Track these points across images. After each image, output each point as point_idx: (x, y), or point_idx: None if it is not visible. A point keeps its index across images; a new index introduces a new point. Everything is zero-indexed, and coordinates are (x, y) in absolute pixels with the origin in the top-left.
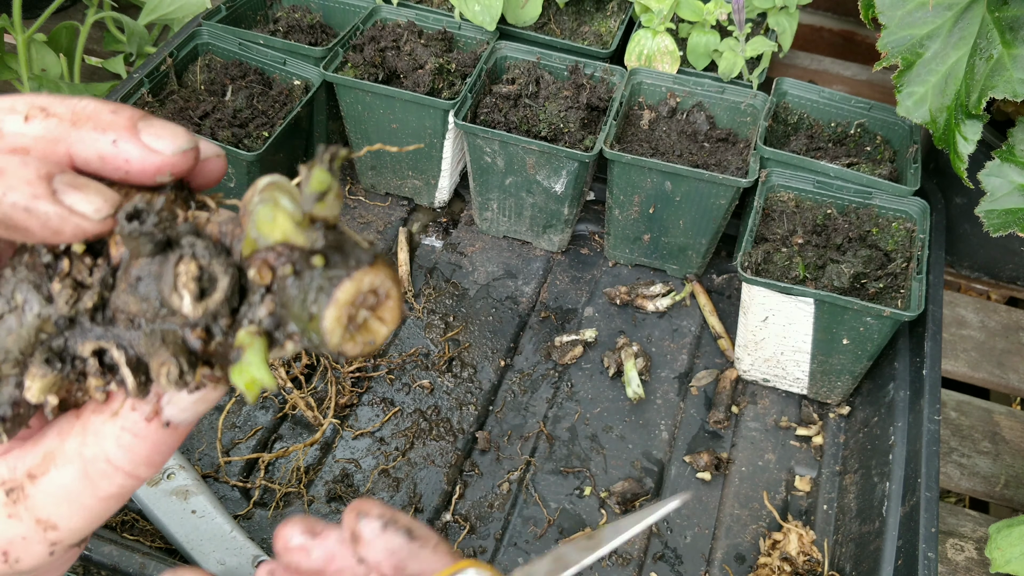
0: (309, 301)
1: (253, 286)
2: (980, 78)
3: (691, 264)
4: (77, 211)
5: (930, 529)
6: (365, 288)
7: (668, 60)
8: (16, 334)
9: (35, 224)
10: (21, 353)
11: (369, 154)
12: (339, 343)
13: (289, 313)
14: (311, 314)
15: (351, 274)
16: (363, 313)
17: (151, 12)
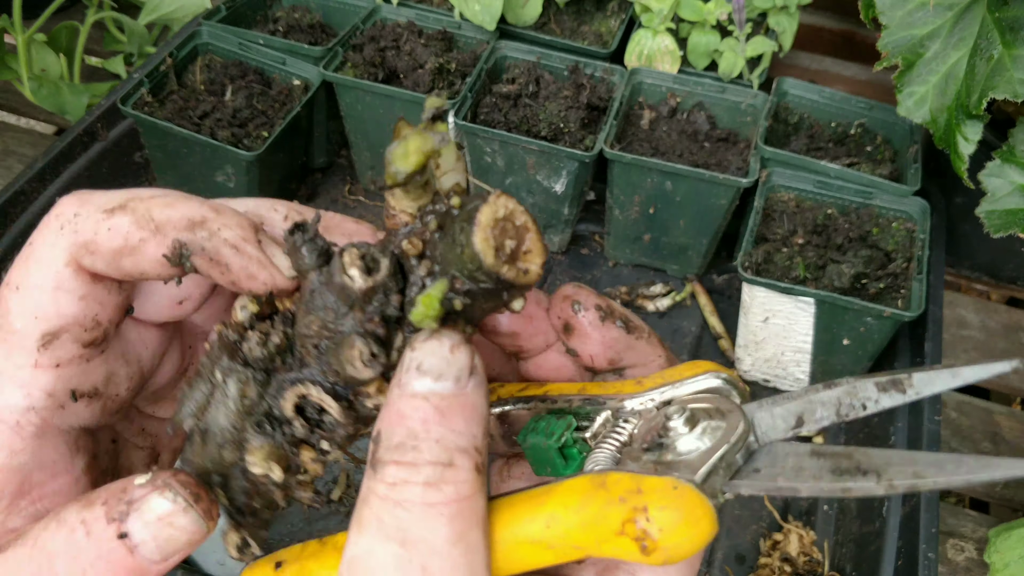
0: (458, 238)
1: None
2: (980, 78)
3: (691, 264)
4: (275, 263)
5: (930, 529)
6: (500, 214)
7: (668, 60)
8: (225, 408)
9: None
10: (234, 427)
11: (369, 154)
12: (494, 263)
13: (445, 259)
14: (462, 246)
15: (485, 200)
16: (509, 243)
17: (151, 12)
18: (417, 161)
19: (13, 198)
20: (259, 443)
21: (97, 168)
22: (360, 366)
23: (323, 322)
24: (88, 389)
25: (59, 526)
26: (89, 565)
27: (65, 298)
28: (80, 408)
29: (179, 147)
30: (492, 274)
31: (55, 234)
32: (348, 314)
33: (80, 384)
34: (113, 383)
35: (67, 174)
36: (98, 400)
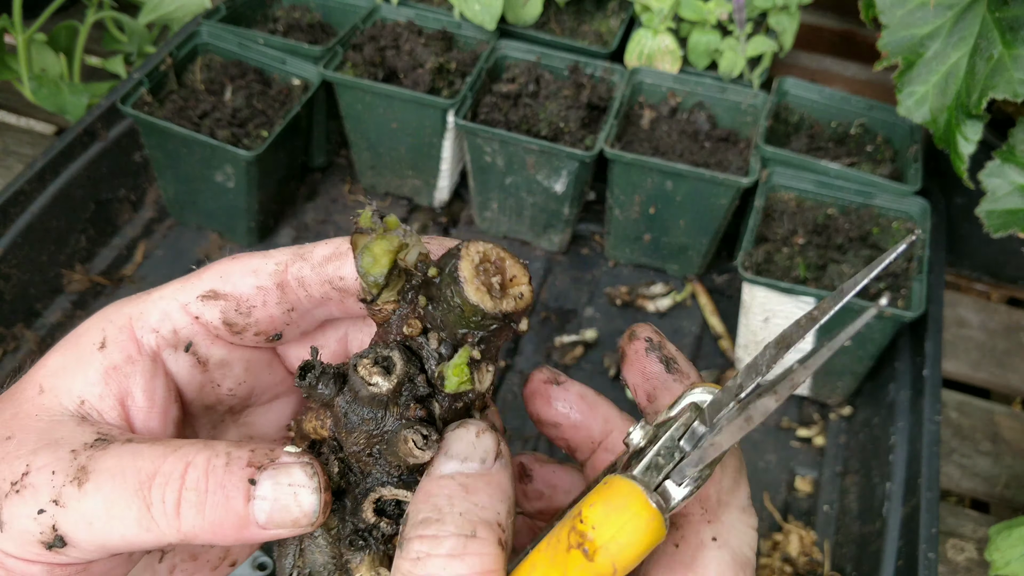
0: (452, 301)
1: (416, 343)
2: (980, 78)
3: (692, 264)
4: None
5: (931, 530)
6: (476, 260)
7: (669, 59)
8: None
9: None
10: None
11: (369, 153)
12: (493, 305)
13: (448, 323)
14: (459, 305)
15: (459, 255)
16: (495, 280)
17: (151, 12)
18: (388, 261)
19: (13, 198)
20: (359, 558)
21: (97, 168)
22: (419, 453)
23: (368, 433)
24: (201, 355)
25: (205, 447)
26: (210, 487)
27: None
28: (184, 361)
29: (179, 147)
30: (496, 315)
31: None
32: (386, 415)
33: (198, 346)
34: (219, 368)
35: (67, 174)
36: (202, 369)
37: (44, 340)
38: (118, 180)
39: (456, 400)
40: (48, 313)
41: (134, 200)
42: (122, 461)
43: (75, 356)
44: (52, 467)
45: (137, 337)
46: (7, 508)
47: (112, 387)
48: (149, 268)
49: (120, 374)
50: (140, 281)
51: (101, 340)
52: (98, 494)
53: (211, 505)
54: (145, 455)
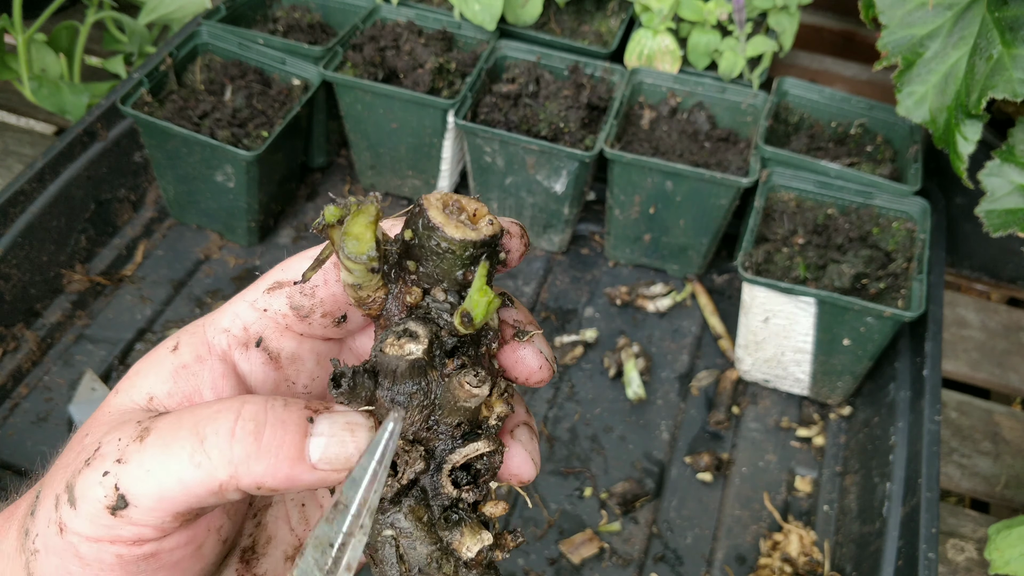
0: (436, 247)
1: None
2: (980, 78)
3: (692, 264)
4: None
5: (931, 530)
6: (439, 204)
7: (669, 60)
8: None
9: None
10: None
11: (369, 153)
12: (474, 233)
13: (442, 272)
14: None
15: (424, 207)
16: (464, 216)
17: (151, 12)
18: (371, 234)
19: (13, 198)
20: (459, 533)
21: (97, 168)
22: (477, 390)
23: (420, 406)
24: (272, 349)
25: (262, 396)
26: (269, 420)
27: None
28: (257, 360)
29: (179, 147)
30: (484, 240)
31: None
32: (429, 382)
33: (268, 340)
34: (292, 363)
35: (67, 174)
36: (275, 366)
37: (44, 340)
38: (118, 180)
39: (477, 345)
40: (48, 313)
41: (134, 200)
42: (182, 414)
43: (150, 360)
44: (119, 436)
45: (208, 339)
46: (79, 483)
47: (181, 385)
48: (149, 268)
49: (189, 372)
50: (140, 281)
51: (175, 344)
52: (157, 442)
53: (268, 436)
54: (204, 405)
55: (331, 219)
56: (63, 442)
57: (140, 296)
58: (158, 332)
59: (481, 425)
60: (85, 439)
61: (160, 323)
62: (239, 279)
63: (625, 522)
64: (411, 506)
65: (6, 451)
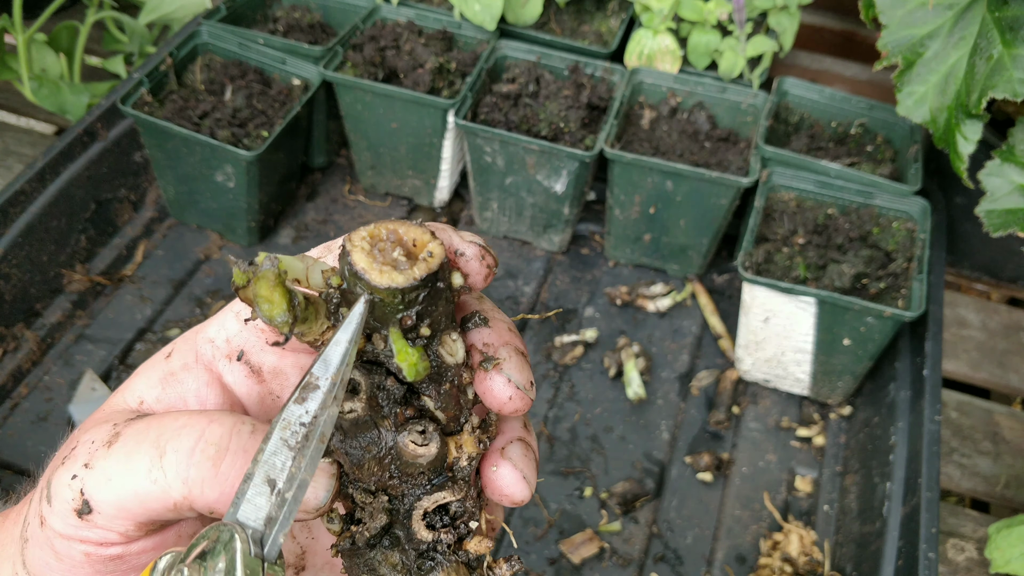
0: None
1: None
2: (980, 78)
3: (692, 264)
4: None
5: (931, 529)
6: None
7: (669, 59)
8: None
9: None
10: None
11: (369, 153)
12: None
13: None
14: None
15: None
16: (397, 253)
17: (151, 12)
18: (281, 294)
19: (13, 198)
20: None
21: (97, 168)
22: (423, 450)
23: (376, 458)
24: (254, 363)
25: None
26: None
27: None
28: (240, 372)
29: (179, 147)
30: (414, 285)
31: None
32: (380, 432)
33: (249, 353)
34: (275, 377)
35: (67, 174)
36: (257, 379)
37: (44, 340)
38: (118, 180)
39: (439, 382)
40: (48, 313)
41: (134, 200)
42: (150, 423)
43: (148, 364)
44: (93, 438)
45: (197, 348)
46: (54, 481)
47: (168, 391)
48: (149, 268)
49: (175, 379)
50: (140, 281)
51: (169, 351)
52: (121, 450)
53: (227, 463)
54: (173, 416)
55: (239, 282)
56: (63, 440)
57: (140, 296)
58: (158, 332)
59: (452, 467)
60: (77, 434)
61: (160, 323)
62: None
63: (625, 522)
64: (384, 552)
65: (6, 451)
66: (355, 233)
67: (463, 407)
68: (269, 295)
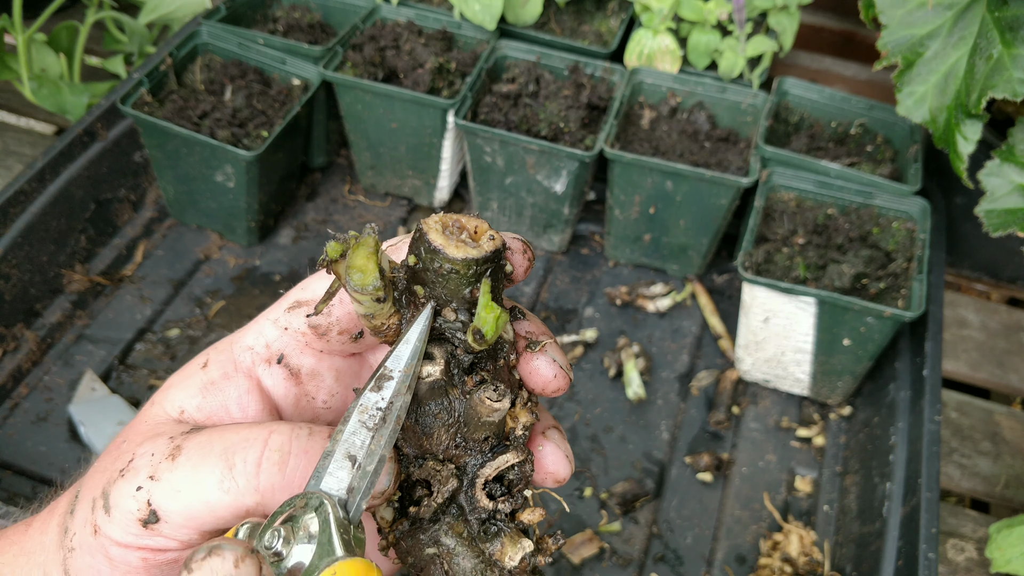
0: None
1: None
2: (980, 78)
3: (692, 264)
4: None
5: (931, 529)
6: (438, 227)
7: (669, 59)
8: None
9: None
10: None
11: (369, 153)
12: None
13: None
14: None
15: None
16: (464, 235)
17: (151, 12)
18: (374, 264)
19: (13, 198)
20: (499, 544)
21: (97, 168)
22: (498, 404)
23: (445, 425)
24: (293, 366)
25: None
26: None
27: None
28: (278, 375)
29: (179, 147)
30: (487, 257)
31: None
32: (451, 400)
33: (289, 357)
34: (312, 379)
35: (67, 174)
36: (295, 381)
37: (44, 340)
38: (118, 180)
39: (495, 359)
40: (48, 313)
41: (134, 200)
42: (211, 436)
43: (183, 375)
44: (152, 451)
45: (235, 357)
46: (114, 492)
47: (209, 400)
48: (149, 268)
49: (216, 388)
50: (140, 281)
51: (205, 361)
52: (187, 463)
53: (292, 466)
54: (232, 429)
55: (333, 255)
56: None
57: (140, 296)
58: (158, 332)
59: (508, 436)
60: (122, 446)
61: (160, 323)
62: (239, 279)
63: (625, 522)
64: (450, 523)
65: (6, 451)
66: (427, 220)
67: (512, 384)
68: (364, 264)
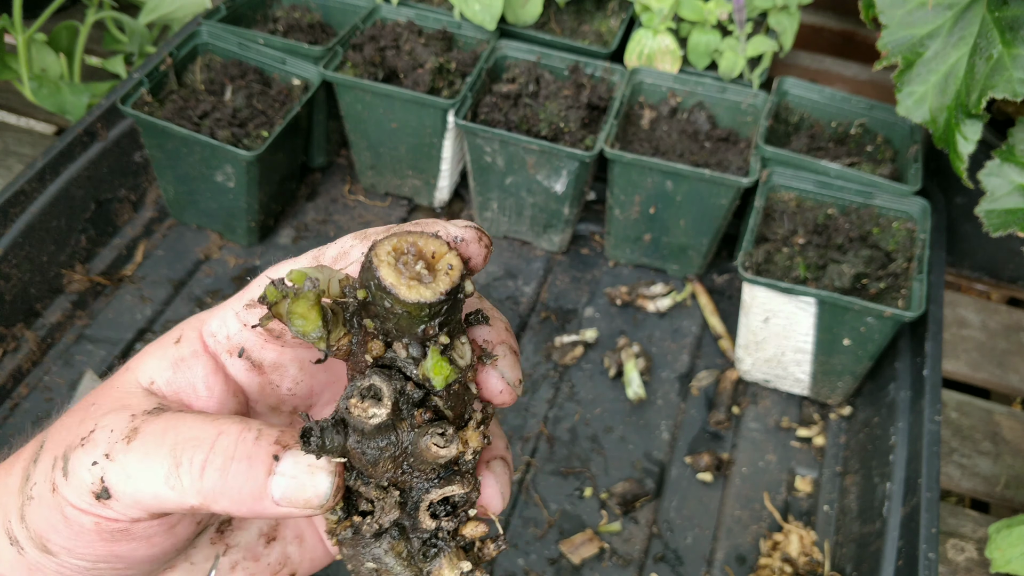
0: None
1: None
2: (980, 78)
3: (692, 264)
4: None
5: (931, 530)
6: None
7: (669, 59)
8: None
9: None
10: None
11: (369, 153)
12: (426, 293)
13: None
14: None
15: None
16: (419, 267)
17: (151, 12)
18: (317, 313)
19: (13, 198)
20: (438, 565)
21: (97, 168)
22: (444, 451)
23: (392, 457)
24: (255, 359)
25: (240, 421)
26: (236, 455)
27: None
28: (241, 365)
29: (179, 147)
30: (440, 299)
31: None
32: (398, 434)
33: (250, 351)
34: (275, 370)
35: (67, 174)
36: (258, 372)
37: (44, 340)
38: (118, 180)
39: (450, 388)
40: (48, 313)
41: (134, 200)
42: (167, 425)
43: (158, 346)
44: (112, 426)
45: (203, 338)
46: (73, 458)
47: (179, 376)
48: (149, 268)
49: (186, 365)
50: (140, 281)
51: (179, 336)
52: (140, 450)
53: (233, 472)
54: (187, 422)
55: (273, 298)
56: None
57: (140, 296)
58: (158, 332)
59: (457, 461)
60: (90, 408)
61: (160, 323)
62: (239, 279)
63: (625, 522)
64: (391, 542)
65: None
66: (379, 247)
67: (467, 404)
68: (306, 313)
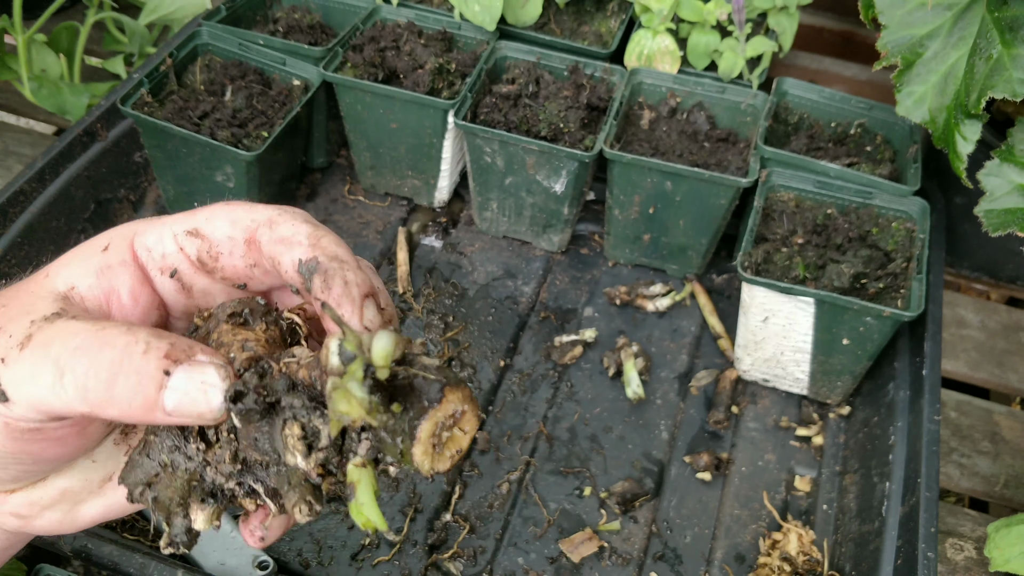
0: (398, 443)
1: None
2: (980, 78)
3: (691, 264)
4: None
5: (930, 529)
6: (440, 421)
7: (668, 60)
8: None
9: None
10: (182, 499)
11: (369, 153)
12: (431, 468)
13: (385, 450)
14: (402, 452)
15: (427, 415)
16: (445, 434)
17: (151, 12)
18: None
19: (13, 198)
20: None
21: (97, 168)
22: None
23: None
24: (185, 282)
25: (128, 332)
26: (124, 372)
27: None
28: (170, 285)
29: (179, 147)
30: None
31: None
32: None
33: (182, 274)
34: (203, 296)
35: (67, 174)
36: (186, 295)
37: None
38: (118, 180)
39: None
40: None
41: (134, 200)
42: (58, 334)
43: (81, 253)
44: (11, 331)
45: (135, 249)
46: None
47: (102, 282)
48: None
49: (112, 273)
50: None
51: (106, 244)
52: (30, 358)
53: (121, 385)
54: (75, 330)
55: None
56: None
57: None
58: None
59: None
60: (1, 311)
61: None
62: None
63: (625, 521)
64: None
65: None
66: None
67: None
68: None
